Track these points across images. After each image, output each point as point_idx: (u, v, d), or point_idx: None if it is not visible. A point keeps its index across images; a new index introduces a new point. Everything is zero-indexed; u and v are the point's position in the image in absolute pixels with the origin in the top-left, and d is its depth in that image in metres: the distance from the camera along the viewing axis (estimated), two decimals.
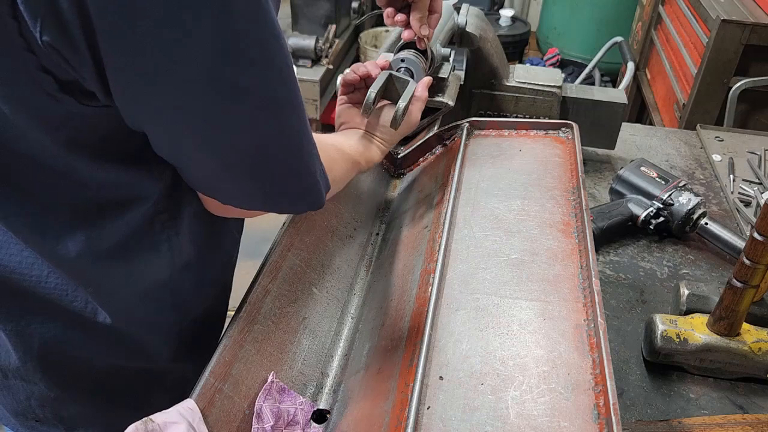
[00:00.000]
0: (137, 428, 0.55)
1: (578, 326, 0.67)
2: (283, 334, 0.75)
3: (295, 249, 0.83)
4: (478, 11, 1.23)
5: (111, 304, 0.65)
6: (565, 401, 0.59)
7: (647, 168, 1.17)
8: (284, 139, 0.56)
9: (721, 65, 1.85)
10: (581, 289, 0.71)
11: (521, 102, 1.24)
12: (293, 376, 0.74)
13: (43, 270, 0.61)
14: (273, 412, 0.67)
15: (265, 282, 0.76)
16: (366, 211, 1.01)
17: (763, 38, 1.78)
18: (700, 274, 1.08)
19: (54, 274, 0.62)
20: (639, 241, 1.15)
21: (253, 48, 0.47)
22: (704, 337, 0.86)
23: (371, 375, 0.72)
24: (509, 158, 0.96)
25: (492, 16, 3.75)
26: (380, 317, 0.81)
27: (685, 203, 1.10)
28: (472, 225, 0.83)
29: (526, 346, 0.65)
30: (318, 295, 0.84)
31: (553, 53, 3.62)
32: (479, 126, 1.05)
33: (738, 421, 0.81)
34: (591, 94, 1.27)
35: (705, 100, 1.92)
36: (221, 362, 0.65)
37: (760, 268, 0.78)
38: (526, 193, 0.88)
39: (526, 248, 0.78)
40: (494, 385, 0.62)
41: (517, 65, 1.29)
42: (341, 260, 0.91)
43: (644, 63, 2.62)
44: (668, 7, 2.39)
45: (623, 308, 1.01)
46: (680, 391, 0.88)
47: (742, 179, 1.33)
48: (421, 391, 0.61)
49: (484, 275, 0.75)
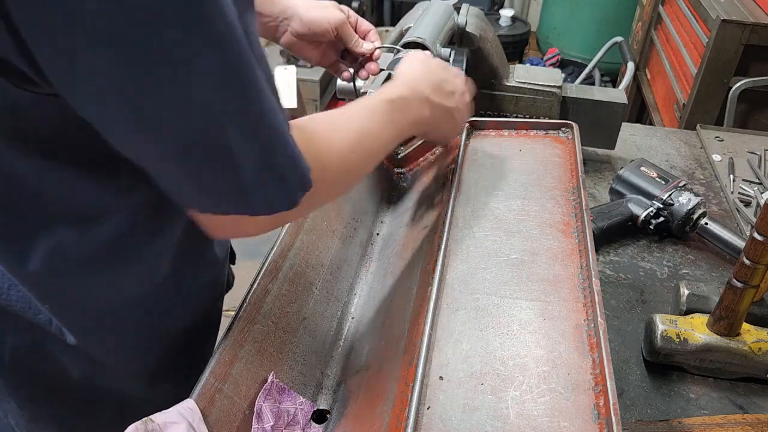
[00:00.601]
0: (137, 428, 0.55)
1: (578, 326, 0.67)
2: (283, 334, 0.75)
3: (295, 249, 0.83)
4: (478, 11, 1.23)
5: (76, 323, 0.62)
6: (565, 401, 0.59)
7: (647, 168, 1.17)
8: (231, 121, 0.46)
9: (721, 65, 1.85)
10: (581, 289, 0.71)
11: (521, 102, 1.24)
12: (293, 376, 0.74)
13: (5, 282, 0.59)
14: (273, 412, 0.67)
15: (265, 282, 0.76)
16: (366, 211, 1.01)
17: (763, 38, 1.78)
18: (700, 274, 1.08)
19: (15, 288, 0.59)
20: (639, 241, 1.15)
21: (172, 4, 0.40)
22: (704, 337, 0.86)
23: (371, 375, 0.72)
24: (509, 158, 0.96)
25: (492, 16, 3.75)
26: (380, 317, 0.81)
27: (685, 203, 1.10)
28: (472, 225, 0.83)
29: (526, 346, 0.65)
30: (318, 295, 0.84)
31: (553, 53, 3.62)
32: (479, 126, 1.05)
33: (738, 421, 0.81)
34: (591, 94, 1.27)
35: (705, 100, 1.92)
36: (221, 362, 0.65)
37: (760, 268, 0.78)
38: (526, 193, 0.88)
39: (526, 248, 0.78)
40: (494, 385, 0.62)
41: (517, 65, 1.29)
42: (341, 260, 0.91)
43: (644, 63, 2.62)
44: (668, 7, 2.39)
45: (623, 308, 1.01)
46: (680, 391, 0.88)
47: (742, 179, 1.33)
48: (421, 391, 0.61)
49: (484, 275, 0.75)
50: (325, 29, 0.89)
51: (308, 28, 0.88)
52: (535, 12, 4.24)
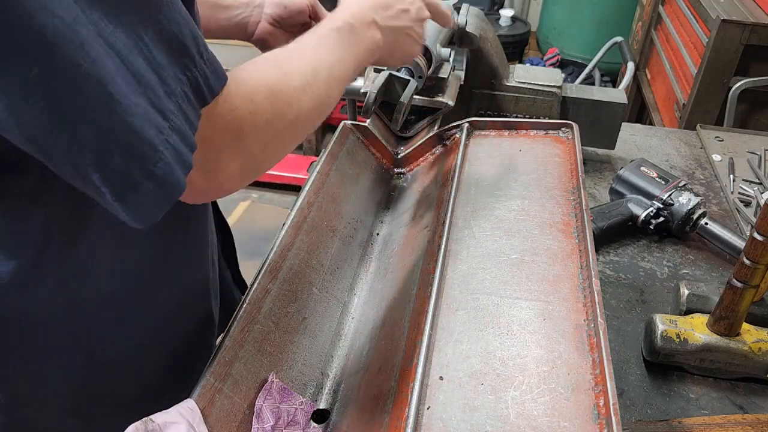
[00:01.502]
0: (137, 428, 0.55)
1: (578, 326, 0.67)
2: (283, 334, 0.75)
3: (295, 249, 0.83)
4: (478, 11, 1.23)
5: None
6: (565, 401, 0.59)
7: (647, 168, 1.17)
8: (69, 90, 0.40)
9: (721, 65, 1.85)
10: (581, 289, 0.71)
11: (521, 102, 1.24)
12: (293, 376, 0.74)
13: None
14: (273, 412, 0.67)
15: (265, 282, 0.76)
16: (366, 211, 1.01)
17: (763, 38, 1.78)
18: (700, 274, 1.08)
19: None
20: (639, 241, 1.15)
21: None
22: (704, 337, 0.86)
23: (371, 375, 0.72)
24: (509, 158, 0.96)
25: (492, 16, 3.75)
26: (380, 317, 0.81)
27: (685, 203, 1.10)
28: (472, 225, 0.83)
29: (526, 346, 0.65)
30: (318, 295, 0.83)
31: (553, 53, 3.62)
32: (479, 126, 1.05)
33: (738, 421, 0.81)
34: (591, 94, 1.27)
35: (705, 100, 1.92)
36: (221, 362, 0.65)
37: (760, 268, 0.78)
38: (526, 193, 0.88)
39: (526, 248, 0.78)
40: (494, 385, 0.62)
41: (517, 65, 1.29)
42: (341, 260, 0.91)
43: (644, 63, 2.62)
44: (668, 7, 2.39)
45: (623, 308, 1.01)
46: (680, 391, 0.88)
47: (742, 179, 1.33)
48: (421, 391, 0.61)
49: (484, 275, 0.75)
50: (302, 5, 0.85)
51: (284, 7, 0.85)
52: (535, 12, 4.24)
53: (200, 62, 0.48)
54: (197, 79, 0.47)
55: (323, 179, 0.94)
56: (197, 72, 0.47)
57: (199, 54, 0.48)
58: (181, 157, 0.46)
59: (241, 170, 0.54)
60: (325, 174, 0.94)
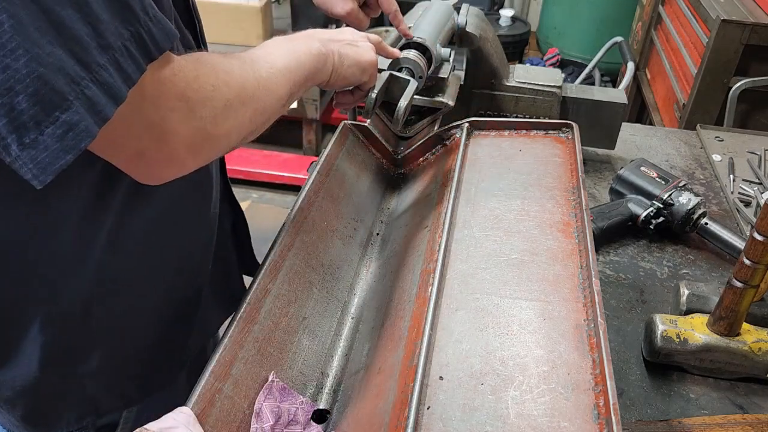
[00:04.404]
0: None
1: (578, 326, 0.67)
2: (283, 334, 0.75)
3: (295, 249, 0.83)
4: (478, 11, 1.23)
5: None
6: (565, 401, 0.59)
7: (647, 168, 1.17)
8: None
9: (721, 65, 1.85)
10: (581, 289, 0.71)
11: (521, 102, 1.24)
12: (293, 376, 0.74)
13: None
14: (273, 411, 0.67)
15: (265, 282, 0.76)
16: (366, 211, 1.01)
17: (763, 38, 1.78)
18: (700, 274, 1.08)
19: None
20: (639, 241, 1.15)
21: None
22: (704, 337, 0.86)
23: (371, 375, 0.72)
24: (509, 158, 0.96)
25: (492, 16, 3.75)
26: (380, 317, 0.81)
27: (685, 203, 1.10)
28: (472, 225, 0.83)
29: (526, 346, 0.65)
30: (318, 295, 0.83)
31: (553, 53, 3.62)
32: (479, 126, 1.05)
33: (738, 421, 0.81)
34: (591, 94, 1.27)
35: (705, 100, 1.92)
36: (221, 362, 0.65)
37: (760, 268, 0.78)
38: (526, 193, 0.88)
39: (526, 248, 0.78)
40: (494, 385, 0.62)
41: (517, 65, 1.29)
42: (341, 260, 0.91)
43: (644, 63, 2.62)
44: (668, 7, 2.39)
45: (623, 308, 1.01)
46: (680, 391, 0.88)
47: (742, 179, 1.33)
48: (421, 391, 0.61)
49: (484, 275, 0.75)
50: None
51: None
52: (535, 12, 4.24)
53: (144, 18, 0.49)
54: (141, 35, 0.49)
55: (323, 179, 0.94)
56: (141, 28, 0.49)
57: (143, 11, 0.49)
58: (94, 107, 0.46)
59: (192, 138, 0.56)
60: (325, 174, 0.94)
